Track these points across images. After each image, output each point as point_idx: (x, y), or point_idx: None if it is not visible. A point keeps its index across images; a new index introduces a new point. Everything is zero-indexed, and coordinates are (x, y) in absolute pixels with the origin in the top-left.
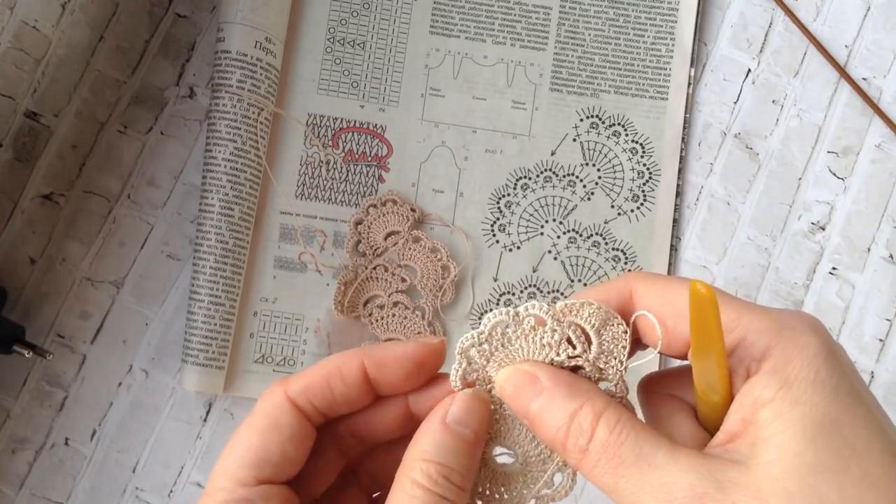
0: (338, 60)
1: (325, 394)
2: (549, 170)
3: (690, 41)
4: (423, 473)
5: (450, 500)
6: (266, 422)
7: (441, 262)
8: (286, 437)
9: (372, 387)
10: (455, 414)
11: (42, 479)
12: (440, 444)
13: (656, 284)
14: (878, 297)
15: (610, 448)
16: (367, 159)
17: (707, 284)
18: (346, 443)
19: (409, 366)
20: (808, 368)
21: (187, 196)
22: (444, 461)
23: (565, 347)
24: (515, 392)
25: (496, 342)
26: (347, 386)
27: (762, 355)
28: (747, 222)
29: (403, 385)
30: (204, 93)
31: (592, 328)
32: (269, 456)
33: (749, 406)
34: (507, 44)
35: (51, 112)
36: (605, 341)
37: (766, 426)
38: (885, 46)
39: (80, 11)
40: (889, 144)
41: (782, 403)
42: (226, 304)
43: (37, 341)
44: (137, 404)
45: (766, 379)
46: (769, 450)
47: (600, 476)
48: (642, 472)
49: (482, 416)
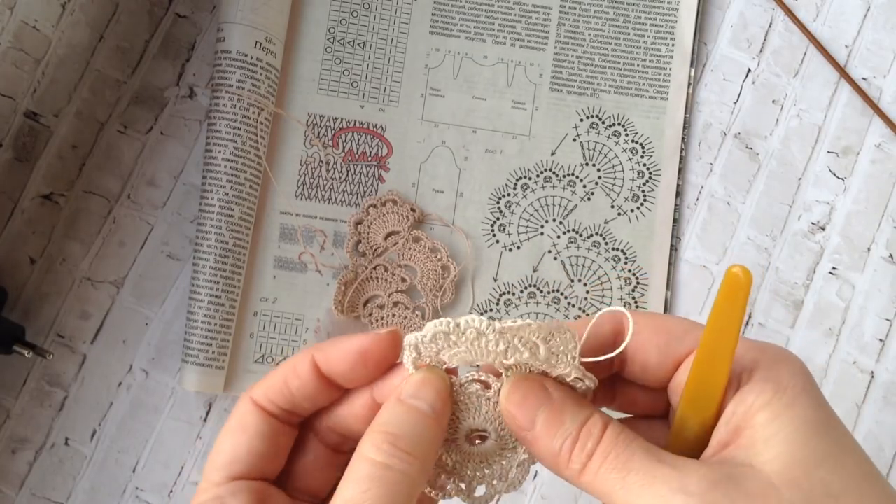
0: (338, 60)
1: (284, 392)
2: (549, 170)
3: (690, 41)
4: (370, 444)
5: (395, 469)
6: (234, 424)
7: (441, 262)
8: (252, 436)
9: (330, 381)
10: (408, 389)
11: (42, 479)
12: (391, 415)
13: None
14: (878, 297)
15: (620, 445)
16: (367, 159)
17: (746, 268)
18: (332, 439)
19: (353, 357)
20: (795, 379)
21: (187, 196)
22: (391, 430)
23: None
24: (524, 398)
25: (441, 343)
26: (302, 382)
27: (752, 367)
28: (747, 222)
29: (356, 376)
30: (204, 93)
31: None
32: (237, 455)
33: (742, 414)
34: (507, 44)
35: (51, 112)
36: (554, 346)
37: (764, 427)
38: (885, 46)
39: (80, 11)
40: (889, 144)
41: (778, 406)
42: (226, 304)
43: (37, 341)
44: (137, 404)
45: (759, 386)
46: (770, 448)
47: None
48: (654, 465)
49: (437, 388)
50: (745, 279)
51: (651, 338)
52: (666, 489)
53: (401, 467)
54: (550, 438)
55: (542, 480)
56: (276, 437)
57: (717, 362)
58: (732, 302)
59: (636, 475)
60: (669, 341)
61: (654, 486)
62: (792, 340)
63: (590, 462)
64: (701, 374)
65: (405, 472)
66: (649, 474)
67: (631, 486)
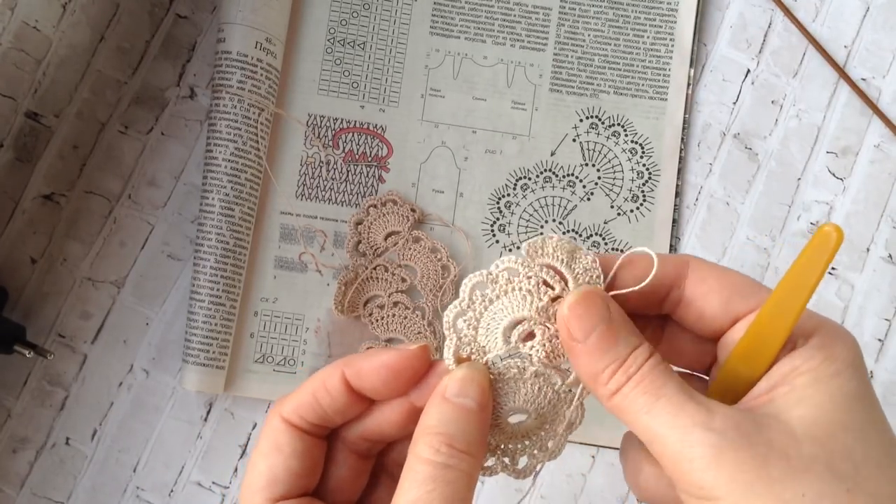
0: (338, 61)
1: (315, 408)
2: (548, 170)
3: (690, 42)
4: (427, 446)
5: (455, 468)
6: (268, 445)
7: (441, 262)
8: (288, 455)
9: (360, 395)
10: (453, 387)
11: (43, 479)
12: (441, 415)
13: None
14: (877, 297)
15: (656, 372)
16: (367, 159)
17: (839, 228)
18: (361, 447)
19: (385, 374)
20: (847, 353)
21: (188, 196)
22: (445, 430)
23: (545, 290)
24: (586, 311)
25: (479, 307)
26: (333, 398)
27: (809, 334)
28: (746, 222)
29: (387, 392)
30: (204, 93)
31: (563, 264)
32: (275, 476)
33: (784, 373)
34: (507, 44)
35: (52, 112)
36: (579, 275)
37: (803, 388)
38: (884, 47)
39: (80, 12)
40: (888, 145)
41: (823, 373)
42: (226, 304)
43: (38, 341)
44: (138, 404)
45: (811, 352)
46: (802, 406)
47: (637, 396)
48: (683, 399)
49: (481, 384)
50: (837, 239)
51: (715, 287)
52: (689, 421)
53: (460, 466)
54: (600, 354)
55: (542, 480)
56: (310, 453)
57: (782, 318)
58: (817, 260)
59: (664, 403)
60: (733, 296)
61: (679, 417)
62: None
63: (627, 384)
64: (762, 328)
65: (464, 470)
66: (677, 405)
67: (656, 413)
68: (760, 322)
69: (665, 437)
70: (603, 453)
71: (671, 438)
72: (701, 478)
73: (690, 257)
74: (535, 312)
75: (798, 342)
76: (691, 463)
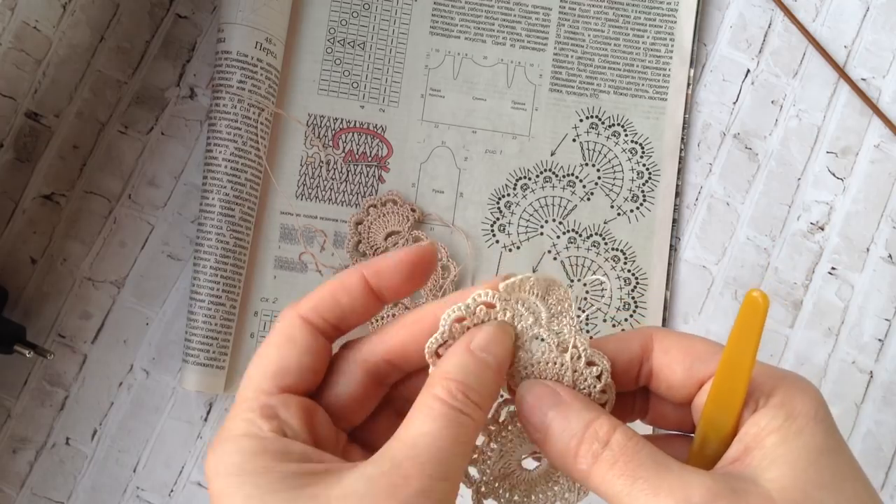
0: (338, 61)
1: (334, 307)
2: (548, 170)
3: (690, 42)
4: (444, 389)
5: (466, 415)
6: (282, 338)
7: (441, 262)
8: (302, 350)
9: (376, 295)
10: (479, 341)
11: (43, 479)
12: (462, 365)
13: (675, 333)
14: (877, 297)
15: (628, 452)
16: (367, 159)
17: (764, 294)
18: (382, 370)
19: (405, 268)
20: (808, 406)
21: (188, 196)
22: (464, 380)
23: (518, 320)
24: (535, 402)
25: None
26: (352, 297)
27: (770, 392)
28: (746, 222)
29: (404, 288)
30: (204, 93)
31: (538, 297)
32: (286, 366)
33: (754, 435)
34: (507, 44)
35: (52, 112)
36: (552, 304)
37: (773, 450)
38: (884, 47)
39: (80, 12)
40: (888, 144)
41: (788, 432)
42: (226, 304)
43: (38, 341)
44: (138, 404)
45: (773, 411)
46: (775, 468)
47: (614, 479)
48: (660, 474)
49: (505, 346)
50: (762, 304)
51: (677, 357)
52: (670, 499)
53: (473, 414)
54: (558, 438)
55: None
56: (321, 354)
57: (735, 384)
58: (750, 326)
59: (643, 484)
60: (694, 362)
61: (660, 495)
62: (791, 340)
63: (596, 464)
64: (720, 393)
65: (474, 420)
66: (655, 484)
67: (637, 494)
68: (716, 388)
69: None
70: None
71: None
72: None
73: (654, 330)
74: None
75: (760, 401)
76: None
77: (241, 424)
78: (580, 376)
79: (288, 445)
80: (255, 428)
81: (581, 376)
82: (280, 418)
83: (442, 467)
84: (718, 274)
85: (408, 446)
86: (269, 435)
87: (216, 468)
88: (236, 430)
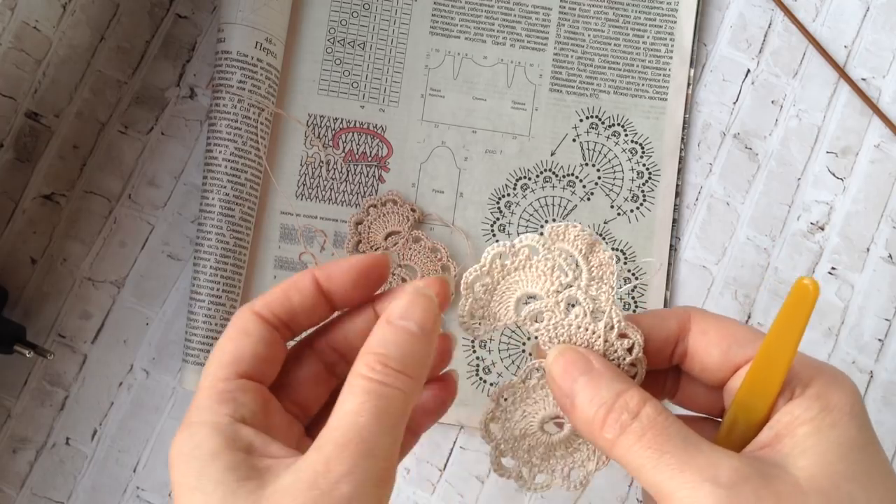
0: (338, 61)
1: (284, 304)
2: (548, 170)
3: (690, 42)
4: (363, 364)
5: (388, 385)
6: (236, 331)
7: (441, 262)
8: (256, 340)
9: (326, 297)
10: (395, 310)
11: (43, 479)
12: (382, 337)
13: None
14: (877, 297)
15: (658, 426)
16: (367, 159)
17: (815, 281)
18: (331, 357)
19: (354, 275)
20: (845, 401)
21: (188, 196)
22: (383, 350)
23: (558, 275)
24: (566, 367)
25: (497, 275)
26: (303, 296)
27: (807, 383)
28: (746, 222)
29: (353, 294)
30: (204, 93)
31: (580, 254)
32: (241, 355)
33: (786, 423)
34: (507, 44)
35: (52, 112)
36: (594, 267)
37: (805, 439)
38: (884, 47)
39: (80, 12)
40: (888, 144)
41: (822, 423)
42: (226, 303)
43: (38, 341)
44: (138, 404)
45: (808, 402)
46: (806, 458)
47: (641, 450)
48: (688, 451)
49: (426, 309)
50: (812, 292)
51: (715, 339)
52: (696, 477)
53: (395, 384)
54: (587, 405)
55: None
56: (275, 346)
57: (774, 370)
58: (796, 313)
59: (670, 458)
60: (732, 346)
61: (686, 472)
62: None
63: (624, 435)
64: (756, 379)
65: (398, 388)
66: (682, 459)
67: (662, 468)
68: (754, 373)
69: (672, 493)
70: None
71: (679, 495)
72: None
73: (693, 310)
74: (546, 294)
75: (796, 391)
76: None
77: (197, 412)
78: (611, 347)
79: (238, 431)
80: (209, 414)
81: (612, 347)
82: (237, 401)
83: (365, 444)
84: (718, 274)
85: (330, 429)
86: (224, 419)
87: (174, 457)
88: (194, 418)
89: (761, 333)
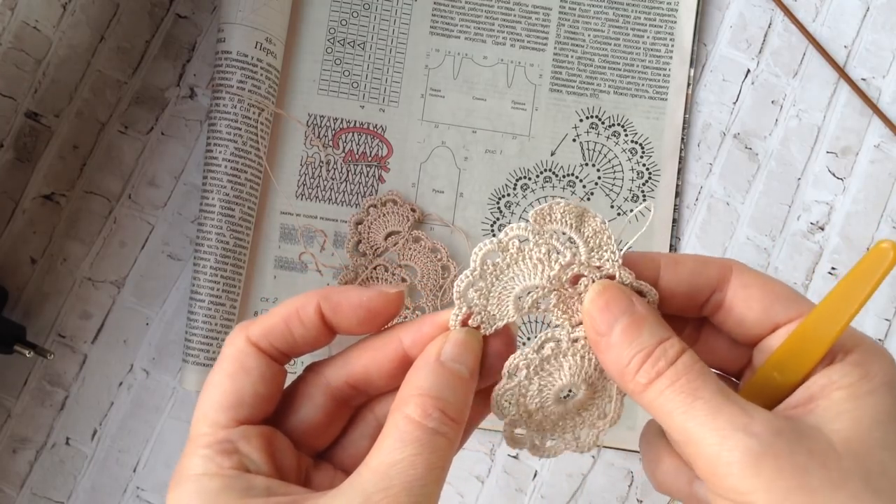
0: (338, 61)
1: (286, 335)
2: (548, 170)
3: (690, 42)
4: (417, 408)
5: (443, 435)
6: (234, 366)
7: (441, 262)
8: (255, 379)
9: (329, 328)
10: (449, 352)
11: (43, 479)
12: (435, 379)
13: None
14: (877, 297)
15: (693, 372)
16: (367, 159)
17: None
18: (346, 393)
19: (362, 313)
20: (885, 371)
21: (188, 196)
22: (439, 395)
23: (556, 258)
24: (609, 302)
25: (490, 277)
26: (306, 328)
27: (848, 350)
28: (746, 222)
29: (358, 329)
30: (204, 93)
31: (572, 229)
32: (241, 398)
33: (822, 386)
34: (507, 44)
35: (52, 112)
36: (589, 238)
37: (841, 403)
38: (884, 47)
39: (80, 12)
40: (888, 144)
41: (859, 390)
42: (226, 303)
43: (38, 341)
44: (138, 404)
45: (848, 368)
46: (840, 421)
47: (673, 395)
48: (721, 401)
49: (476, 352)
50: (892, 257)
51: (757, 294)
52: (728, 425)
53: (449, 434)
54: (625, 346)
55: (541, 480)
56: (275, 380)
57: (826, 331)
58: (867, 276)
59: (702, 404)
60: (774, 304)
61: (718, 420)
62: None
63: (657, 380)
64: (804, 339)
65: (451, 439)
66: (715, 407)
67: (694, 414)
68: (803, 332)
69: (702, 439)
70: (603, 453)
71: (708, 441)
72: (738, 483)
73: (734, 262)
74: (547, 281)
75: (836, 357)
76: (729, 467)
77: (199, 462)
78: None
79: (251, 481)
80: (213, 465)
81: None
82: (240, 452)
83: (415, 497)
84: None
85: (379, 476)
86: (230, 472)
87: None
88: (195, 469)
89: (805, 298)
